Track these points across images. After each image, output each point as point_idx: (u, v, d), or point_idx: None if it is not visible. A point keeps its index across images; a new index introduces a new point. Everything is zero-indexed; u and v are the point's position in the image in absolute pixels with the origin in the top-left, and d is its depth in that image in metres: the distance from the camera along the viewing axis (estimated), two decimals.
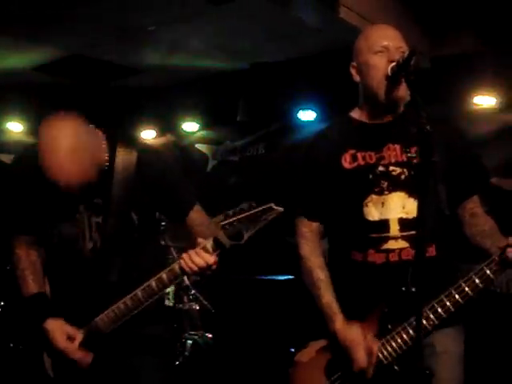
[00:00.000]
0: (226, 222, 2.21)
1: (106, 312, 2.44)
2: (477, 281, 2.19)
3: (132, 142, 2.61)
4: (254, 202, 2.23)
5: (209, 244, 2.30)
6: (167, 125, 7.02)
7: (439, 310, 2.21)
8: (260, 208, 2.20)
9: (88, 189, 2.38)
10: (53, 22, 4.89)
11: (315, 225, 2.48)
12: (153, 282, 2.37)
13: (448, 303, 2.21)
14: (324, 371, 2.40)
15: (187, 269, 2.32)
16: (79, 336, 2.45)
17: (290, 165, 4.01)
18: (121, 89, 6.47)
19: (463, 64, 5.13)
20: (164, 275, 2.37)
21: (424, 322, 2.16)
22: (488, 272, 2.18)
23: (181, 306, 4.94)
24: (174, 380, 2.98)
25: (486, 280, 2.19)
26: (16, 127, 6.83)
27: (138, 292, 2.39)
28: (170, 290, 5.13)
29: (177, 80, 6.53)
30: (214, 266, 2.34)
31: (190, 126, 6.89)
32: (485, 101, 5.16)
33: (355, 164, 2.39)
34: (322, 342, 2.44)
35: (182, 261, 2.33)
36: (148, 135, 7.08)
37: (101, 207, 2.51)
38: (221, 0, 4.55)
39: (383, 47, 2.32)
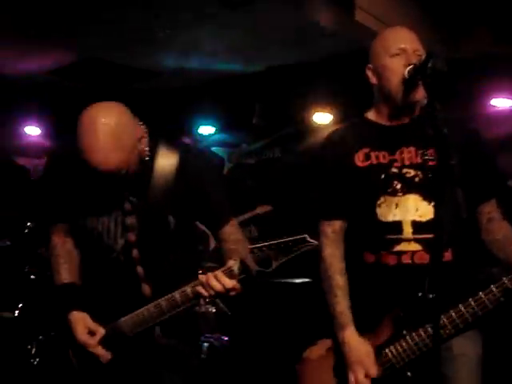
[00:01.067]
0: (255, 246, 2.16)
1: (131, 314, 2.44)
2: (497, 293, 2.17)
3: (175, 143, 2.57)
4: (288, 235, 2.18)
5: (236, 266, 2.21)
6: (183, 128, 7.04)
7: (457, 319, 2.19)
8: (292, 238, 2.17)
9: (126, 181, 2.36)
10: (69, 26, 4.94)
11: (338, 224, 2.46)
12: (177, 294, 2.34)
13: (466, 314, 2.19)
14: (333, 371, 2.40)
15: (203, 291, 2.27)
16: (100, 332, 2.45)
17: (306, 167, 4.00)
18: (136, 92, 6.50)
19: (480, 66, 5.10)
20: (188, 289, 2.32)
21: (440, 330, 2.14)
22: (508, 285, 2.16)
23: (197, 308, 4.93)
24: None
25: (506, 293, 2.16)
26: (33, 131, 6.88)
27: (162, 302, 2.37)
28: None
29: (192, 83, 6.55)
30: (234, 292, 2.25)
31: (207, 130, 6.91)
32: (502, 103, 5.15)
33: (368, 162, 2.39)
34: (331, 341, 2.44)
35: (199, 282, 2.27)
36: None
37: (136, 206, 2.47)
38: (236, 3, 4.56)
39: (400, 50, 2.32)
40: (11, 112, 6.55)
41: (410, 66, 2.24)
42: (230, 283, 2.21)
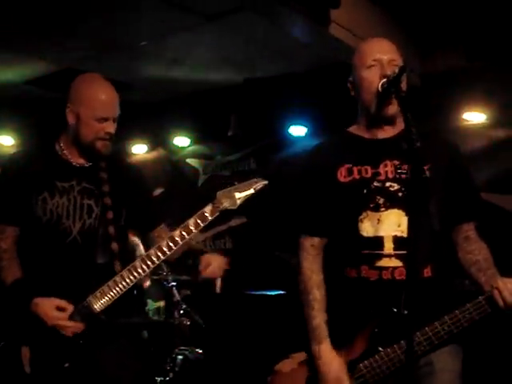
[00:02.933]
0: (223, 190, 2.54)
1: (98, 290, 2.48)
2: (473, 313, 2.18)
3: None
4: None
5: (207, 209, 2.50)
6: (159, 139, 7.03)
7: (432, 336, 2.19)
8: (250, 180, 2.60)
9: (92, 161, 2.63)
10: (45, 36, 4.92)
11: (317, 240, 2.45)
12: (152, 251, 2.49)
13: (441, 331, 2.19)
14: None
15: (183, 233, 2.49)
16: (70, 308, 2.47)
17: (282, 180, 4.01)
18: None
19: (452, 81, 5.17)
20: (164, 244, 2.49)
21: (415, 346, 2.14)
22: (484, 306, 2.18)
23: (171, 320, 4.92)
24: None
25: (481, 313, 2.18)
26: (7, 141, 6.82)
27: (137, 262, 2.49)
28: (161, 304, 5.13)
29: (168, 94, 6.55)
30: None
31: (181, 141, 6.91)
32: (474, 117, 5.21)
33: (350, 178, 2.36)
34: (304, 355, 2.42)
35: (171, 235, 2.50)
36: (139, 149, 7.09)
37: (94, 191, 2.62)
38: (212, 16, 4.58)
39: (375, 61, 2.31)
40: None
41: (384, 80, 2.23)
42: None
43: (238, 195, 2.53)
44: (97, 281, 2.50)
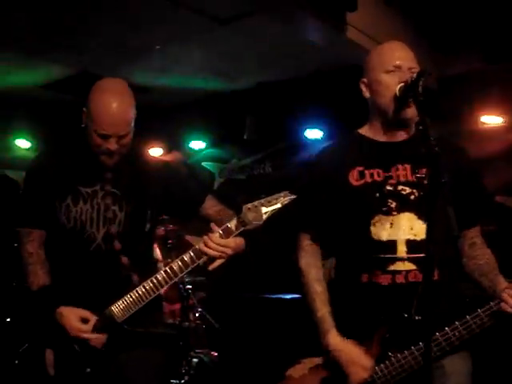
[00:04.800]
0: (250, 204, 2.46)
1: (120, 300, 2.48)
2: (484, 318, 2.18)
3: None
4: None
5: (232, 223, 2.46)
6: (174, 143, 7.04)
7: (442, 342, 2.19)
8: (277, 194, 2.47)
9: (109, 171, 2.56)
10: (61, 40, 4.95)
11: (312, 233, 2.48)
12: (175, 264, 2.47)
13: (452, 337, 2.19)
14: None
15: (205, 250, 2.44)
16: (93, 319, 2.47)
17: (297, 183, 4.00)
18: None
19: (470, 84, 5.15)
20: (186, 257, 2.47)
21: (434, 347, 2.15)
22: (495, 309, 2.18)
23: (187, 323, 4.93)
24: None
25: (492, 318, 2.17)
26: (23, 144, 6.87)
27: (158, 275, 2.47)
28: (177, 307, 5.14)
29: (184, 98, 6.56)
30: (230, 251, 2.48)
31: (197, 144, 6.92)
32: (492, 120, 5.19)
33: (362, 181, 2.35)
34: (315, 360, 2.41)
35: (201, 244, 2.45)
36: (155, 152, 7.11)
37: (118, 196, 2.59)
38: (225, 20, 4.58)
39: (395, 67, 2.30)
40: (1, 125, 6.54)
41: (402, 84, 2.24)
42: (223, 241, 2.46)
43: (264, 210, 2.46)
44: (119, 289, 2.50)
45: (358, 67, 2.48)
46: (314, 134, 6.07)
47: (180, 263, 2.47)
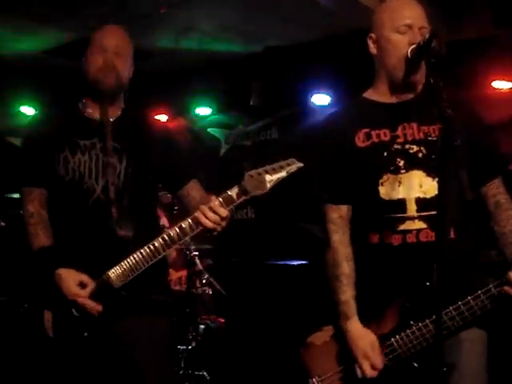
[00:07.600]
0: (253, 171, 2.37)
1: (118, 265, 2.45)
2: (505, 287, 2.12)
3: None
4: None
5: (233, 191, 2.38)
6: (180, 109, 6.99)
7: (465, 312, 2.15)
8: (283, 161, 2.38)
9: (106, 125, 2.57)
10: (65, 4, 4.89)
11: (344, 208, 2.40)
12: (173, 231, 2.41)
13: (475, 307, 2.15)
14: (336, 358, 2.37)
15: (203, 220, 2.37)
16: (91, 284, 2.46)
17: (304, 150, 3.96)
18: (133, 72, 6.45)
19: (480, 48, 5.06)
20: (186, 223, 2.41)
21: (449, 322, 2.13)
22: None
23: (193, 290, 4.94)
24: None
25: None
26: (28, 111, 6.82)
27: (156, 242, 2.42)
28: (183, 274, 5.14)
29: (189, 64, 6.49)
30: (225, 223, 2.42)
31: (203, 111, 6.87)
32: (503, 85, 5.12)
33: (369, 142, 2.33)
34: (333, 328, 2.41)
35: (199, 212, 2.38)
36: (160, 119, 7.06)
37: (118, 149, 2.58)
38: None
39: (406, 26, 2.25)
40: (5, 92, 6.50)
41: (414, 46, 2.18)
42: (224, 212, 2.38)
43: (268, 178, 2.36)
44: (119, 249, 2.47)
45: (367, 31, 2.42)
46: (321, 99, 5.99)
47: (178, 230, 2.41)
